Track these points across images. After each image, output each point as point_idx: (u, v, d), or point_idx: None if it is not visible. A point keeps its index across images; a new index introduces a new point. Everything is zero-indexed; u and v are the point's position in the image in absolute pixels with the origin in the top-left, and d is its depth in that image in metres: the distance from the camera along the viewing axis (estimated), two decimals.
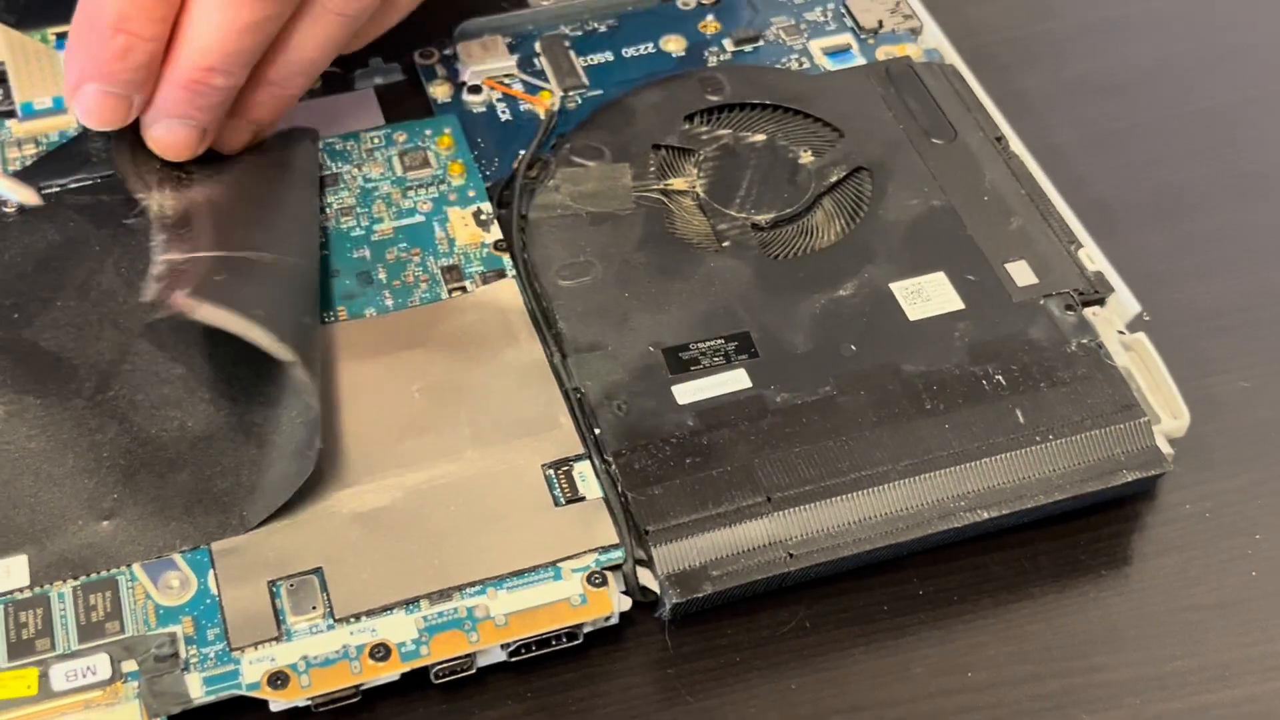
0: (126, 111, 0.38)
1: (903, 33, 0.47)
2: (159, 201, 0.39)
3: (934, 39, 0.47)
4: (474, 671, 0.34)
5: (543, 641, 0.34)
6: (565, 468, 0.36)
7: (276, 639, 0.33)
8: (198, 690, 0.32)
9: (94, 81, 0.37)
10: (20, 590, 0.33)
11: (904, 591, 0.36)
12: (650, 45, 0.47)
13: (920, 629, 0.36)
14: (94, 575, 0.34)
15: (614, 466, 0.36)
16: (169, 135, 0.39)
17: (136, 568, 0.34)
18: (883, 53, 0.47)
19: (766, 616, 0.36)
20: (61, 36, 0.47)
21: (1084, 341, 0.38)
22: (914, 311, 0.39)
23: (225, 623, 0.33)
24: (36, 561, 0.34)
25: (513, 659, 0.34)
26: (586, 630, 0.34)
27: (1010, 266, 0.40)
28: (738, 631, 0.35)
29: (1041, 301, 0.39)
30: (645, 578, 0.35)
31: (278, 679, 0.32)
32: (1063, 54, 0.51)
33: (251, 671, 0.32)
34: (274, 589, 0.33)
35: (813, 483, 0.35)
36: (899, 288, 0.39)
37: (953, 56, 0.46)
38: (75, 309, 0.38)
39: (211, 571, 0.34)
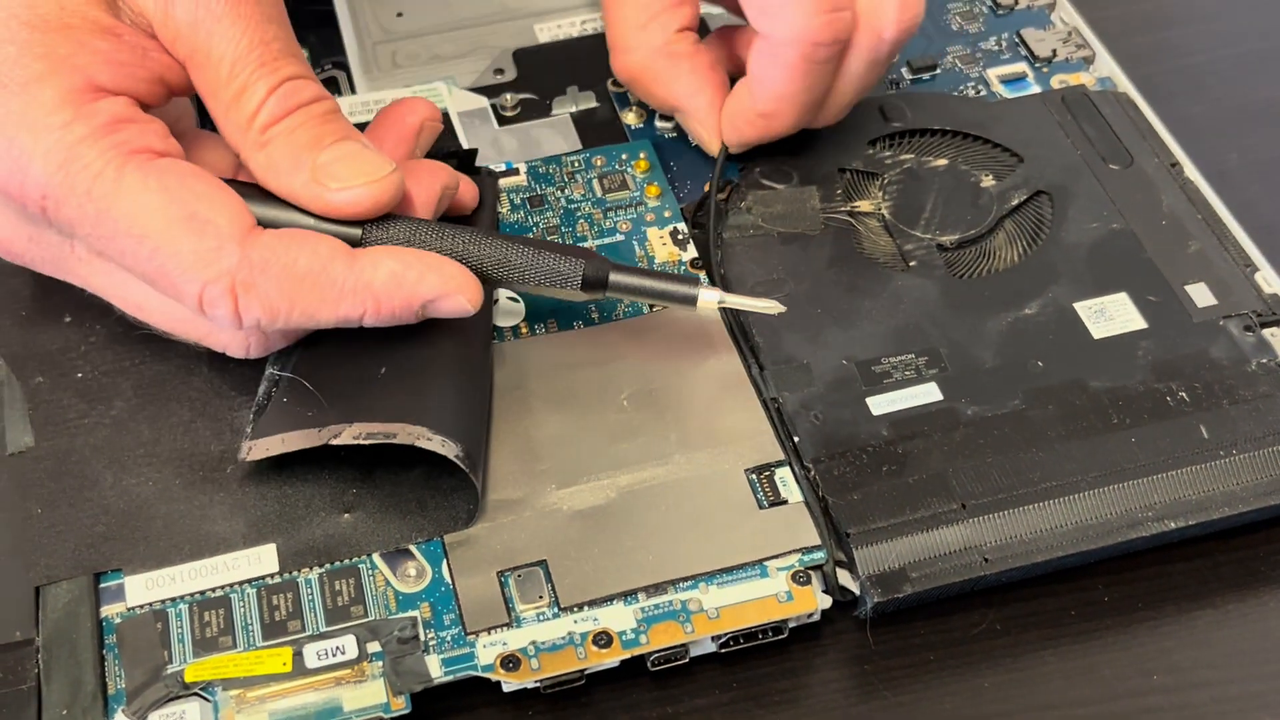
0: None
1: (1075, 61, 0.49)
2: None
3: (1106, 68, 0.49)
4: (687, 661, 0.36)
5: (749, 635, 0.36)
6: (767, 473, 0.38)
7: (507, 625, 0.35)
8: (437, 670, 0.35)
9: None
10: (271, 576, 0.36)
11: (1090, 597, 0.38)
12: None
13: (1107, 633, 0.37)
14: (338, 563, 0.36)
15: (813, 473, 0.38)
16: None
17: (376, 557, 0.37)
18: (1057, 81, 0.48)
19: (958, 619, 0.37)
20: None
21: (1264, 361, 0.40)
22: (1098, 330, 0.41)
23: (460, 609, 0.35)
24: (284, 550, 0.37)
25: (721, 650, 0.36)
26: (790, 626, 0.36)
27: (1190, 288, 0.41)
28: (931, 632, 0.37)
29: (1221, 322, 0.41)
30: (844, 578, 0.37)
31: (510, 662, 0.35)
32: (1228, 82, 0.52)
33: (486, 654, 0.35)
34: (503, 579, 0.36)
35: (1005, 491, 0.37)
36: (1082, 307, 0.41)
37: (1125, 84, 0.48)
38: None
39: (445, 562, 0.36)
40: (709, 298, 0.39)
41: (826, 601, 0.37)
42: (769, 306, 0.39)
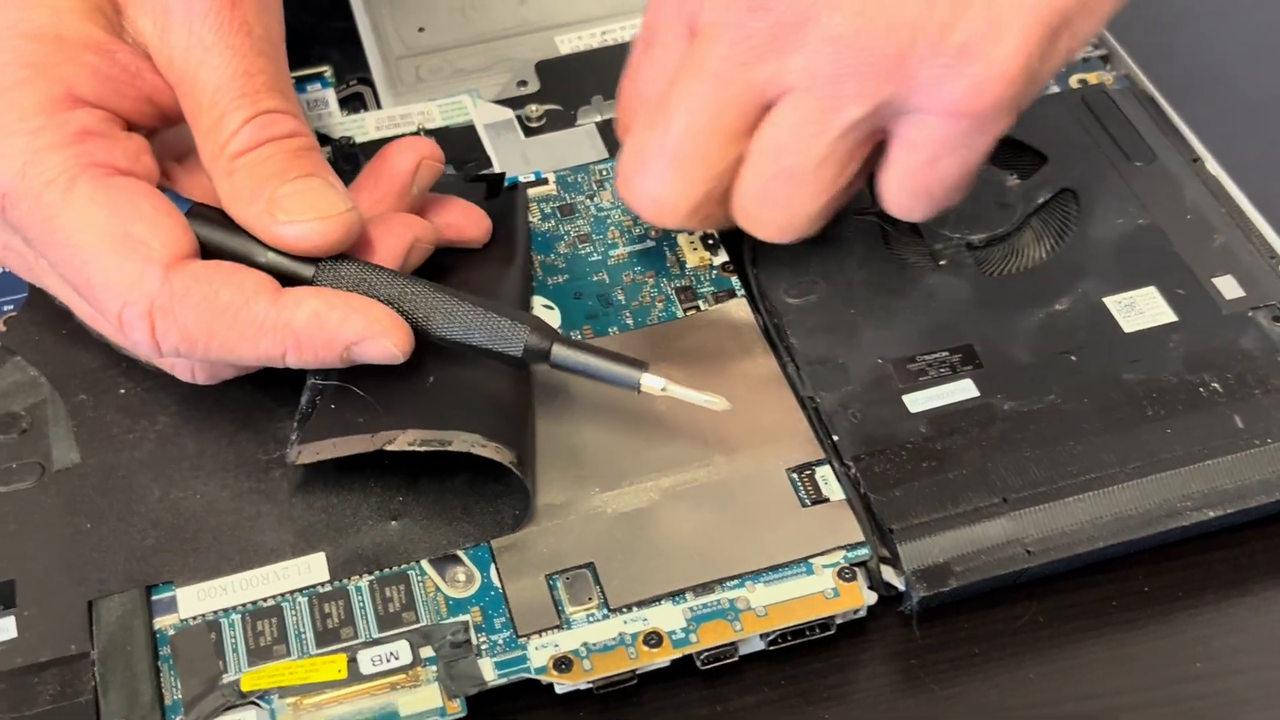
0: None
1: (1094, 60, 0.50)
2: None
3: (1124, 65, 0.49)
4: (736, 659, 0.36)
5: (797, 632, 0.36)
6: (808, 471, 0.39)
7: (558, 627, 0.36)
8: (491, 674, 0.35)
9: None
10: (322, 584, 0.37)
11: (1131, 588, 0.38)
12: None
13: (1148, 623, 0.38)
14: (387, 570, 0.37)
15: (854, 470, 0.38)
16: None
17: (425, 563, 0.37)
18: (1076, 80, 0.49)
19: (1001, 611, 0.38)
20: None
21: None
22: (1128, 324, 0.41)
23: (511, 612, 0.36)
24: (334, 558, 0.37)
25: (770, 648, 0.36)
26: (837, 622, 0.37)
27: (1217, 280, 0.42)
28: (974, 625, 0.38)
29: (1250, 313, 0.41)
30: (889, 574, 0.37)
31: (562, 663, 0.35)
32: (1247, 77, 0.52)
33: (538, 656, 0.35)
34: (551, 582, 0.36)
35: (1045, 484, 0.38)
36: (1113, 302, 0.42)
37: (1143, 82, 0.49)
38: None
39: (493, 566, 0.37)
40: (651, 383, 0.37)
41: (872, 597, 0.37)
42: (714, 402, 0.37)
